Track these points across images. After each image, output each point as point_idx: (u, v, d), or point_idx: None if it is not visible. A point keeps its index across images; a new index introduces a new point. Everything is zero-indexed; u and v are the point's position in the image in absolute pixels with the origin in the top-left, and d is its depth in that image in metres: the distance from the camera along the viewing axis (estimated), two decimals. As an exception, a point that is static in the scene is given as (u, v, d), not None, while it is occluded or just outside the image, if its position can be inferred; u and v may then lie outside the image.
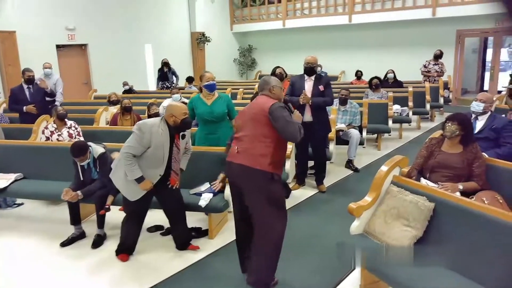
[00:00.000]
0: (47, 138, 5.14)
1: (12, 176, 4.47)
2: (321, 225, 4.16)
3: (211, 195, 3.80)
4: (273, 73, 5.76)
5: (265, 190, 2.74)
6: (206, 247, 3.71)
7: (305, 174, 5.35)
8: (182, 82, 10.98)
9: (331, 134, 5.39)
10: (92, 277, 3.31)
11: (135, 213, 3.46)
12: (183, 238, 3.66)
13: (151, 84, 12.26)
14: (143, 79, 12.13)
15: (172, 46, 12.75)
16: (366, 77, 10.11)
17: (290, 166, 4.61)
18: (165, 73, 10.45)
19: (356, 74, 11.15)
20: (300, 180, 5.24)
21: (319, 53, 13.54)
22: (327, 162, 5.58)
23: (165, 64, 10.41)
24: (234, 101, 7.51)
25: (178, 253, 3.63)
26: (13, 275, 3.39)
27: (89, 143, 3.95)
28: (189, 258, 3.55)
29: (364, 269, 2.87)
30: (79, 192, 3.76)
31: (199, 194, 3.82)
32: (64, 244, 3.84)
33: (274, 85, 2.93)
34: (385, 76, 9.43)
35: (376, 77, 7.95)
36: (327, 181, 5.36)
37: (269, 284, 2.91)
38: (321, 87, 4.74)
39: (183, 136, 3.43)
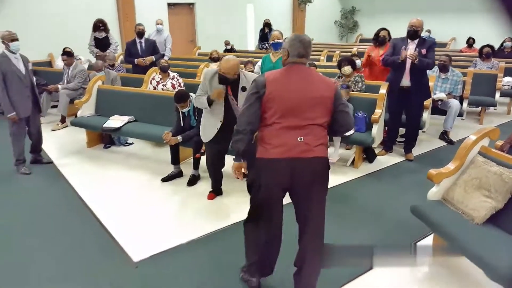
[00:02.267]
0: (154, 88, 5.75)
1: (125, 118, 5.16)
2: (399, 193, 4.14)
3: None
4: (377, 35, 5.62)
5: (326, 179, 2.37)
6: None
7: (394, 141, 5.28)
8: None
9: (426, 102, 5.19)
10: (180, 209, 3.82)
11: (213, 156, 3.84)
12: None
13: (250, 43, 12.61)
14: (243, 38, 12.50)
15: (273, 6, 12.85)
16: (479, 46, 9.25)
17: (377, 131, 4.60)
18: (266, 33, 10.64)
19: (467, 42, 10.23)
20: (387, 146, 5.20)
21: (427, 17, 12.55)
22: (419, 131, 5.43)
23: (266, 24, 10.57)
24: (329, 63, 7.56)
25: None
26: (118, 200, 4.03)
27: (190, 93, 4.38)
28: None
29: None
30: (179, 137, 4.26)
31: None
32: (164, 180, 4.41)
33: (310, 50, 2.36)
34: (501, 44, 8.54)
35: (488, 45, 7.27)
36: (417, 151, 5.23)
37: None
38: (423, 51, 4.55)
39: (243, 89, 3.44)
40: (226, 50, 10.21)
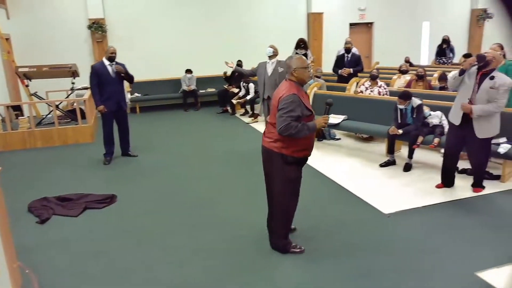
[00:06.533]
0: (361, 92, 6.82)
1: (341, 117, 6.32)
2: None
3: (509, 146, 4.59)
4: None
5: (272, 166, 3.14)
6: (494, 188, 4.56)
7: None
8: (457, 59, 11.32)
9: None
10: (401, 189, 4.69)
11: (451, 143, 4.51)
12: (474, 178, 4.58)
13: (424, 58, 13.00)
14: (417, 54, 12.95)
15: (449, 23, 13.03)
16: None
17: None
18: (443, 49, 11.00)
19: None
20: None
21: None
22: None
23: (445, 41, 10.95)
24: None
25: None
26: (344, 173, 5.12)
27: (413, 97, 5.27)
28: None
29: None
30: (400, 130, 5.19)
31: (498, 144, 4.64)
32: (382, 165, 5.39)
33: (296, 68, 3.02)
34: None
35: None
36: None
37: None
38: None
39: (491, 78, 3.93)
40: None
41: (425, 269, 3.07)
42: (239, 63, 9.23)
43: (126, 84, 6.16)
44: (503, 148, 4.56)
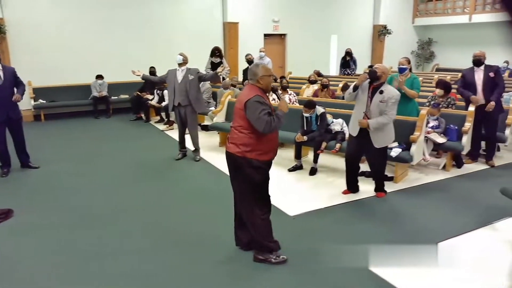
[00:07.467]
0: (274, 100, 7.09)
1: (254, 124, 6.52)
2: (484, 187, 5.01)
3: (400, 150, 5.10)
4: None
5: (239, 172, 3.16)
6: (389, 188, 5.02)
7: (478, 151, 6.11)
8: (361, 70, 12.24)
9: (509, 121, 6.01)
10: (307, 192, 4.99)
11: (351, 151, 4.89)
12: (375, 183, 4.90)
13: (332, 69, 13.86)
14: (326, 65, 13.77)
15: (354, 37, 14.07)
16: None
17: (466, 141, 5.52)
18: (347, 61, 11.85)
19: (547, 72, 10.69)
20: (472, 156, 6.06)
21: (503, 49, 13.11)
22: (503, 144, 6.26)
23: (348, 53, 11.80)
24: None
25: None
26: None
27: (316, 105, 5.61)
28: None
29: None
30: (305, 137, 5.49)
31: (390, 149, 5.13)
32: (290, 170, 5.66)
33: (262, 75, 3.12)
34: None
35: None
36: (500, 161, 6.07)
37: None
38: (491, 74, 5.57)
39: (381, 92, 4.25)
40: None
41: (324, 267, 3.29)
42: (152, 70, 9.05)
43: (27, 90, 5.73)
44: (394, 152, 5.06)
